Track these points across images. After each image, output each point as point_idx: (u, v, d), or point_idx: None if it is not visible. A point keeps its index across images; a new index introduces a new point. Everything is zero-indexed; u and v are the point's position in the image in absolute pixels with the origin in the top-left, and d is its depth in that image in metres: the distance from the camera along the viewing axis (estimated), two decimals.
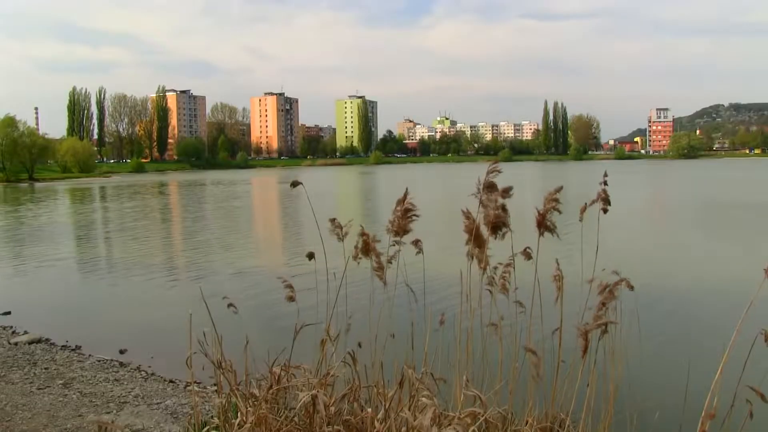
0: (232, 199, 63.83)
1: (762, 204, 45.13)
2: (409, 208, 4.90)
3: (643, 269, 18.08)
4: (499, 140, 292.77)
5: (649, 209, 44.55)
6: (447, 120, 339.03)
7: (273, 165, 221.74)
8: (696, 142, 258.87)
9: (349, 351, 4.85)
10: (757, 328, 3.86)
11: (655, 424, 5.79)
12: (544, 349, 4.62)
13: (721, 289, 16.22)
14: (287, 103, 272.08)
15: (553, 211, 4.62)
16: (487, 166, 4.70)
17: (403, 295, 5.44)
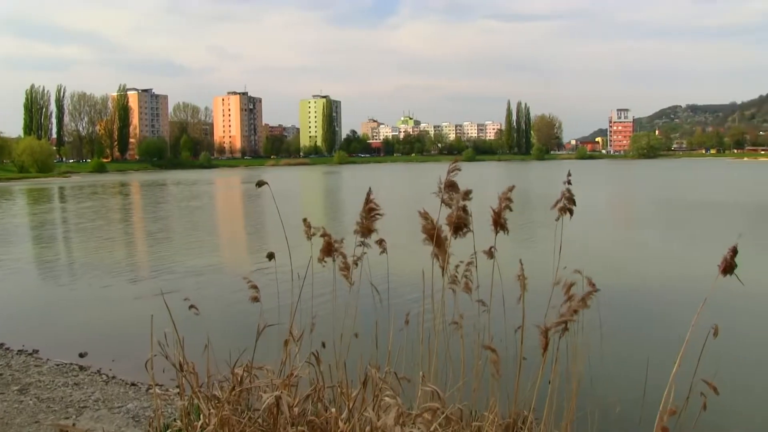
0: (195, 200, 63.06)
1: (716, 203, 46.28)
2: (373, 207, 4.90)
3: (604, 267, 18.37)
4: (463, 140, 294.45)
5: (609, 208, 45.31)
6: (411, 120, 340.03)
7: (236, 165, 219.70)
8: (655, 142, 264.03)
9: (312, 351, 4.83)
10: (711, 323, 3.96)
11: (616, 419, 5.90)
12: (507, 346, 4.67)
13: (678, 286, 16.58)
14: (251, 102, 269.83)
15: (507, 209, 4.67)
16: (455, 167, 4.73)
17: (367, 295, 5.43)
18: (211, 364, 5.26)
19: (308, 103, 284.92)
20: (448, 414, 4.08)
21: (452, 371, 5.07)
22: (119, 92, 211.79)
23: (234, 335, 10.13)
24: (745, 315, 13.02)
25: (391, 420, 3.12)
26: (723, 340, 4.01)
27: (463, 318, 4.98)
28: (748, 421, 8.45)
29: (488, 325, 4.93)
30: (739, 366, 10.08)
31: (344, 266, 5.05)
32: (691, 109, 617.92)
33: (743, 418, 8.43)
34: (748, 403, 8.89)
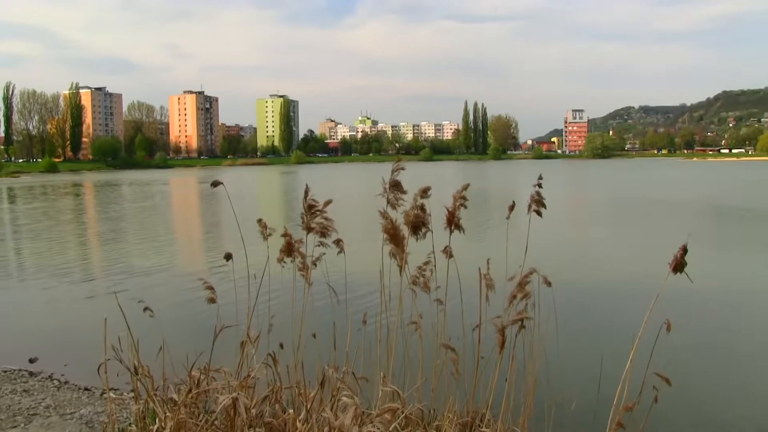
0: (150, 200, 61.94)
1: (668, 202, 47.44)
2: (312, 203, 4.87)
3: (561, 265, 18.65)
4: (420, 140, 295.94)
5: (565, 207, 46.03)
6: (368, 120, 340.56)
7: (192, 165, 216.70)
8: (609, 142, 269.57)
9: (270, 352, 4.80)
10: (663, 319, 4.06)
11: (571, 415, 5.99)
12: (465, 345, 4.71)
13: (631, 283, 16.91)
14: (207, 101, 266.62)
15: (461, 208, 4.71)
16: (406, 166, 4.75)
17: (324, 295, 5.42)
18: (167, 366, 5.18)
19: (265, 102, 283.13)
20: (408, 414, 4.10)
21: (411, 371, 5.09)
22: (71, 90, 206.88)
23: (191, 337, 10.00)
24: (694, 310, 13.37)
25: (348, 420, 3.13)
26: (673, 335, 4.12)
27: (421, 317, 5.00)
28: (697, 412, 8.67)
29: (447, 324, 4.96)
30: (689, 360, 10.34)
31: (302, 266, 5.03)
32: (644, 110, 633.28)
33: (693, 409, 8.65)
34: (697, 396, 9.13)
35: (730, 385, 9.83)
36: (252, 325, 5.17)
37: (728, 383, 9.92)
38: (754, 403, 9.20)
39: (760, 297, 15.74)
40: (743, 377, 10.22)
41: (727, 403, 9.15)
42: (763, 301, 15.36)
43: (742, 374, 10.36)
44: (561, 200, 51.65)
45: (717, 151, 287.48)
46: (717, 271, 18.18)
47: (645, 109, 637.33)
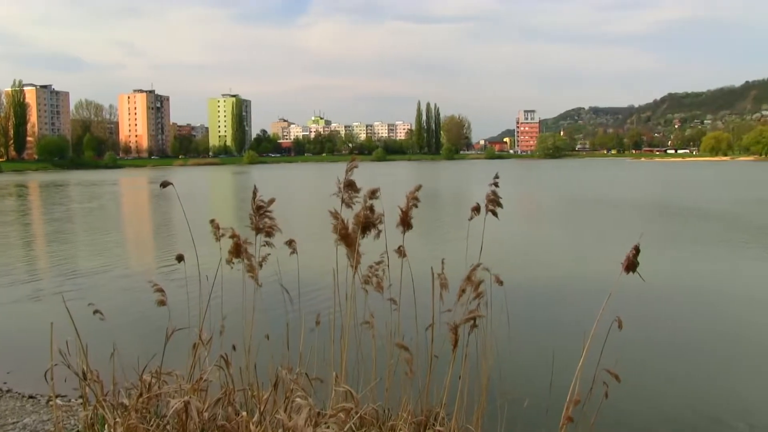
0: (98, 200, 60.53)
1: (617, 201, 48.56)
2: (261, 204, 4.85)
3: (513, 264, 18.91)
4: (373, 140, 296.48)
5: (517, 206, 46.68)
6: (321, 120, 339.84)
7: (143, 165, 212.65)
8: (560, 142, 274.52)
9: (222, 354, 4.75)
10: (614, 316, 4.16)
11: (524, 412, 6.08)
12: (419, 344, 4.74)
13: (583, 281, 17.26)
14: (158, 100, 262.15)
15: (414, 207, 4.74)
16: (358, 166, 4.75)
17: (277, 296, 5.39)
18: (117, 371, 5.08)
19: (217, 102, 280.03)
20: (362, 414, 4.11)
21: (365, 370, 5.10)
22: (14, 87, 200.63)
23: (142, 340, 9.84)
24: (644, 306, 13.71)
25: (302, 421, 3.12)
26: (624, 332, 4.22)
27: (374, 317, 5.02)
28: (647, 406, 8.90)
29: (399, 323, 4.99)
30: (640, 355, 10.60)
31: (250, 268, 4.99)
32: (594, 111, 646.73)
33: (643, 403, 8.87)
34: (647, 390, 9.37)
35: (679, 380, 10.12)
36: (204, 327, 5.11)
37: (677, 377, 10.21)
38: (703, 395, 9.49)
39: (707, 293, 16.24)
40: (691, 371, 10.53)
41: (675, 397, 9.42)
42: (709, 297, 15.85)
43: (689, 368, 10.67)
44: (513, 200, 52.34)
45: (663, 151, 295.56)
46: (665, 268, 18.68)
47: (595, 110, 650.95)
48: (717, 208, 40.66)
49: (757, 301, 15.43)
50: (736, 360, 11.14)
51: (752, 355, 11.41)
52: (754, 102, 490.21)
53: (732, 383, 9.95)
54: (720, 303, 15.35)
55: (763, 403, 9.20)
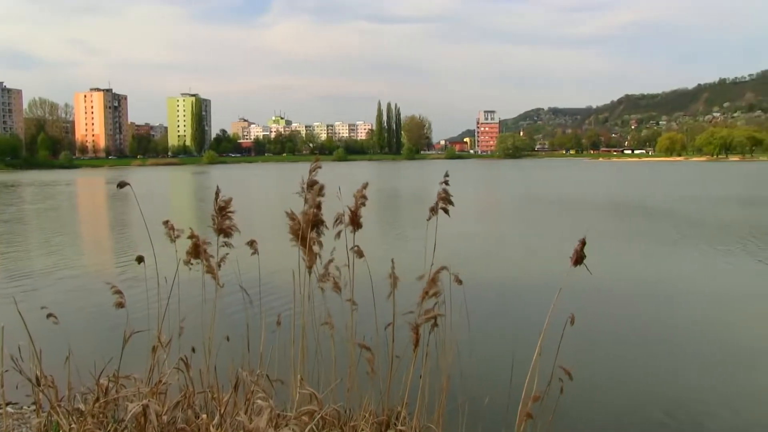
0: (52, 201, 59.15)
1: (577, 200, 49.35)
2: (223, 205, 4.81)
3: (472, 262, 19.08)
4: (334, 140, 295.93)
5: (476, 206, 47.10)
6: (282, 119, 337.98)
7: (100, 165, 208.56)
8: (520, 142, 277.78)
9: (182, 356, 4.69)
10: (571, 312, 4.22)
11: (484, 410, 6.14)
12: (379, 344, 4.74)
13: (541, 278, 17.46)
14: (115, 99, 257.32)
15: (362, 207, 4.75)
16: (317, 166, 4.74)
17: (237, 297, 5.34)
18: (73, 376, 4.97)
19: (176, 101, 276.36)
20: (324, 415, 4.10)
21: (325, 371, 5.09)
22: None
23: (99, 344, 9.63)
24: (600, 303, 13.97)
25: (263, 423, 3.10)
26: (581, 328, 4.29)
27: (332, 317, 5.01)
28: (602, 401, 9.06)
29: (361, 323, 4.99)
30: (596, 349, 10.79)
31: (210, 269, 4.93)
32: (553, 111, 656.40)
33: (600, 397, 9.03)
34: (602, 384, 9.54)
35: (633, 373, 10.34)
36: (163, 329, 5.03)
37: (631, 371, 10.43)
38: (655, 387, 9.69)
39: (657, 288, 16.59)
40: (643, 364, 10.76)
41: (630, 390, 9.61)
42: (660, 292, 16.20)
43: (642, 361, 10.89)
44: (473, 199, 52.77)
45: (621, 151, 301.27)
46: (618, 264, 19.05)
47: (554, 111, 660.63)
48: (669, 207, 41.63)
49: (706, 295, 15.85)
50: (685, 353, 11.41)
51: (700, 347, 11.72)
52: (706, 104, 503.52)
53: (682, 375, 10.20)
54: (670, 297, 15.71)
55: (712, 394, 9.44)
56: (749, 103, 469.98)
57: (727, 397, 9.41)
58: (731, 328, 13.12)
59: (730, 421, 8.55)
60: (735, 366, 10.80)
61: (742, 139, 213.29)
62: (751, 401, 9.36)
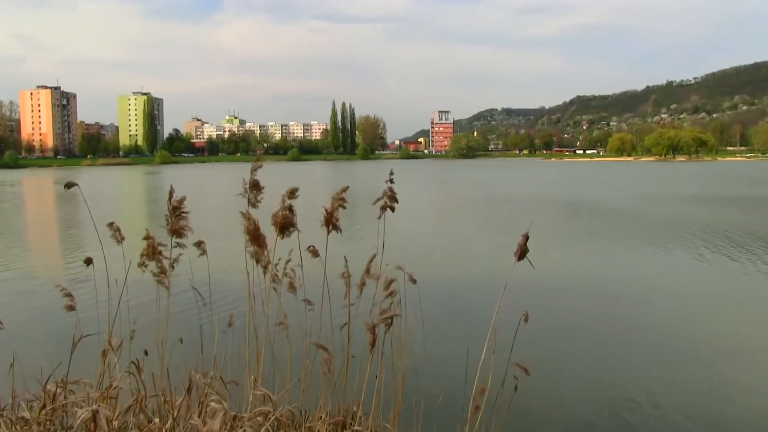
0: None
1: (529, 199, 50.09)
2: (177, 206, 4.73)
3: (426, 262, 19.18)
4: (288, 140, 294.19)
5: (430, 205, 47.40)
6: (236, 119, 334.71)
7: (48, 165, 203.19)
8: (474, 142, 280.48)
9: (133, 360, 4.59)
10: (525, 310, 4.27)
11: (439, 408, 6.18)
12: (335, 344, 4.73)
13: (494, 276, 17.65)
14: (64, 97, 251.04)
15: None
16: (258, 166, 4.70)
17: (191, 298, 5.26)
18: (17, 382, 4.83)
19: (128, 100, 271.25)
20: (278, 416, 4.07)
21: (280, 372, 5.05)
22: None
23: (46, 349, 9.38)
24: (552, 298, 14.20)
25: (217, 425, 3.06)
26: (537, 323, 4.34)
27: (287, 317, 4.97)
28: (555, 396, 9.21)
29: (315, 324, 4.96)
30: (548, 345, 10.96)
31: (161, 270, 4.84)
32: (507, 112, 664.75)
33: (552, 395, 9.18)
34: (555, 381, 9.70)
35: (585, 365, 10.54)
36: (114, 333, 4.92)
37: (583, 364, 10.63)
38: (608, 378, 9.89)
39: (607, 283, 16.94)
40: (595, 358, 10.97)
41: (583, 382, 9.79)
42: (609, 287, 16.54)
43: (595, 355, 11.11)
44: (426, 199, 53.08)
45: (573, 151, 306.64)
46: (570, 261, 19.40)
47: (507, 111, 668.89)
48: (618, 206, 42.61)
49: (652, 289, 16.26)
50: (634, 345, 11.68)
51: (649, 340, 11.99)
52: (654, 105, 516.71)
53: (632, 368, 10.44)
54: (618, 292, 16.07)
55: (661, 385, 9.68)
56: (694, 105, 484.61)
57: (676, 388, 9.65)
58: (679, 321, 13.49)
59: (680, 411, 8.77)
60: (683, 357, 11.11)
61: (689, 140, 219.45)
62: (701, 391, 9.62)
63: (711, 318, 13.92)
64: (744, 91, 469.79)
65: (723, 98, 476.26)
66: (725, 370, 10.60)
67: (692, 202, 45.19)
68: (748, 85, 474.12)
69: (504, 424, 4.60)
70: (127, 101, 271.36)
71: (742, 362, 11.14)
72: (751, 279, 17.68)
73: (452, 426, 5.59)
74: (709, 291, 16.51)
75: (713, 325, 13.38)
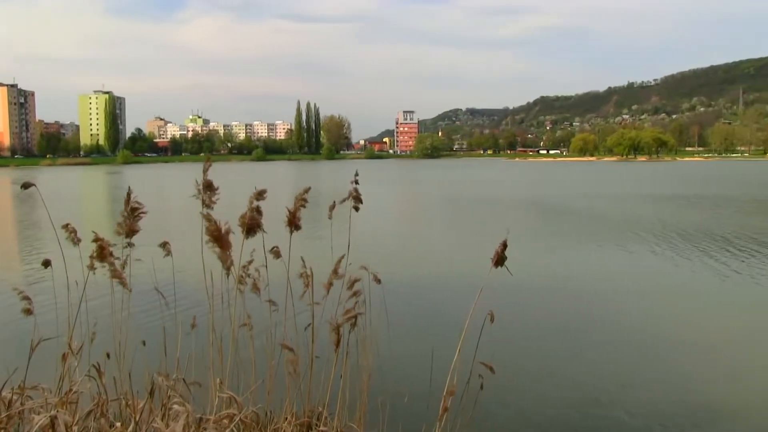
0: None
1: (494, 199, 50.50)
2: (136, 207, 4.66)
3: (391, 262, 19.21)
4: (253, 140, 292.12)
5: (395, 205, 47.47)
6: (200, 119, 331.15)
7: (5, 164, 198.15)
8: (438, 142, 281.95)
9: (94, 363, 4.51)
10: (488, 310, 4.30)
11: (405, 407, 6.20)
12: (299, 345, 4.71)
13: (458, 277, 17.76)
14: (21, 95, 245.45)
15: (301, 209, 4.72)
16: (208, 166, 4.66)
17: (154, 300, 5.19)
18: None
19: (89, 98, 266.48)
20: (242, 418, 4.03)
21: (245, 373, 5.01)
22: None
23: (2, 355, 9.15)
24: (517, 298, 14.33)
25: (179, 428, 3.02)
26: (499, 324, 4.38)
27: (251, 318, 4.94)
28: (521, 394, 9.30)
29: (280, 325, 4.94)
30: (512, 347, 11.07)
31: (122, 272, 4.76)
32: (471, 112, 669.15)
33: (517, 393, 9.26)
34: (520, 380, 9.79)
35: (550, 365, 10.66)
36: (74, 336, 4.82)
37: (547, 363, 10.75)
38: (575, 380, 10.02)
39: (573, 283, 17.17)
40: (562, 357, 11.10)
41: (549, 383, 9.90)
42: (575, 286, 16.77)
43: (561, 355, 11.25)
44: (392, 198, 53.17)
45: (536, 151, 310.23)
46: (535, 261, 19.61)
47: (472, 111, 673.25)
48: (580, 205, 43.25)
49: (616, 287, 16.54)
50: (599, 343, 11.86)
51: (615, 338, 12.20)
52: (616, 106, 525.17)
53: (598, 365, 10.60)
54: (583, 290, 16.30)
55: (627, 380, 9.84)
56: (655, 106, 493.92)
57: (640, 383, 9.83)
58: (641, 317, 13.74)
59: (644, 406, 8.92)
60: (646, 352, 11.32)
61: (649, 141, 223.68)
62: (664, 385, 9.79)
63: (671, 314, 14.22)
64: (701, 93, 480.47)
65: (682, 100, 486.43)
66: (687, 364, 10.85)
67: (652, 202, 46.08)
68: (705, 87, 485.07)
69: (470, 423, 4.63)
70: (88, 100, 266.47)
71: (703, 355, 11.42)
72: (705, 275, 18.12)
73: (417, 425, 5.61)
74: (669, 287, 16.86)
75: (674, 321, 13.66)
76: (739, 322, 13.55)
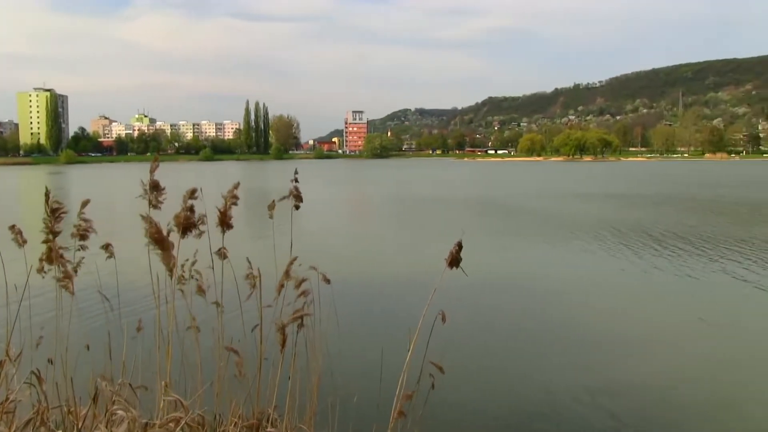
0: None
1: (442, 199, 50.91)
2: (57, 206, 4.54)
3: (340, 262, 19.21)
4: (201, 139, 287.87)
5: (343, 205, 47.47)
6: (146, 118, 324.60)
7: None
8: (387, 142, 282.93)
9: (33, 370, 4.38)
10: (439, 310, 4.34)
11: (355, 408, 6.20)
12: (247, 347, 4.67)
13: (409, 278, 17.86)
14: None
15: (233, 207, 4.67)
16: (156, 166, 4.59)
17: (97, 303, 5.07)
18: None
19: (29, 96, 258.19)
20: (189, 422, 3.98)
21: (192, 376, 4.94)
22: None
23: None
24: (469, 299, 14.48)
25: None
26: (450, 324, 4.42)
27: (196, 320, 4.88)
28: (471, 394, 9.41)
29: (227, 326, 4.89)
30: (464, 347, 11.18)
31: (65, 275, 4.64)
32: (420, 112, 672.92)
33: (468, 393, 9.37)
34: (471, 379, 9.90)
35: (502, 363, 10.81)
36: (12, 342, 4.68)
37: (499, 361, 10.90)
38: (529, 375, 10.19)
39: (525, 282, 17.47)
40: (513, 356, 11.28)
41: (500, 382, 10.04)
42: (527, 286, 17.06)
43: (512, 354, 11.42)
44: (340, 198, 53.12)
45: (485, 151, 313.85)
46: (486, 261, 19.86)
47: (421, 112, 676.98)
48: (528, 204, 44.00)
49: (565, 284, 16.87)
50: (551, 340, 12.09)
51: (565, 335, 12.44)
52: (563, 107, 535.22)
53: (550, 362, 10.80)
54: (532, 288, 16.60)
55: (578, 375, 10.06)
56: (600, 107, 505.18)
57: (591, 377, 10.05)
58: (591, 313, 14.07)
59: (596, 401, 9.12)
60: (597, 348, 11.59)
61: (594, 141, 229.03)
62: (616, 381, 10.04)
63: (619, 310, 14.60)
64: (644, 94, 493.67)
65: (625, 101, 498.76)
66: (638, 359, 11.14)
67: (598, 201, 47.20)
68: (647, 89, 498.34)
69: (420, 421, 4.67)
70: (28, 98, 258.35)
71: (653, 350, 11.74)
72: (646, 271, 18.66)
73: (368, 424, 5.62)
74: (616, 284, 17.29)
75: (622, 317, 14.03)
76: (674, 316, 13.99)
